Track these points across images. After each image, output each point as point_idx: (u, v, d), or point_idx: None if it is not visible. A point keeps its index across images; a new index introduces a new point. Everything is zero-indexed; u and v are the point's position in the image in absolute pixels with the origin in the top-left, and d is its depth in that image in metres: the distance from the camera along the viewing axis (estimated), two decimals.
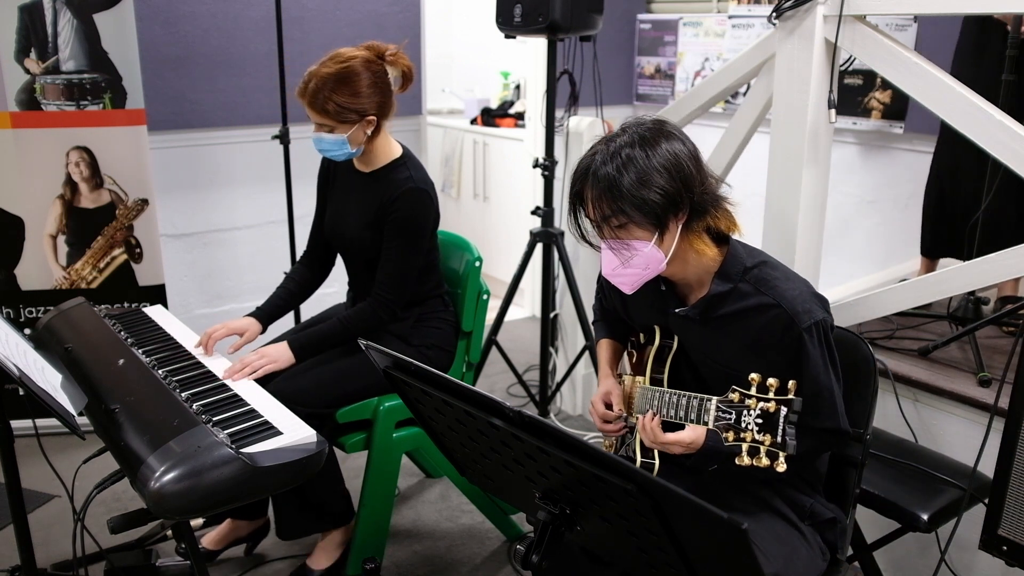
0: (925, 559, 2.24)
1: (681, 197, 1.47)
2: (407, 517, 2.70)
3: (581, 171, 1.52)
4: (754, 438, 1.27)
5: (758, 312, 1.51)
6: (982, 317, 2.47)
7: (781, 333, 1.48)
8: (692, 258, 1.54)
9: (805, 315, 1.47)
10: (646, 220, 1.46)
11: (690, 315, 1.57)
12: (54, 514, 2.64)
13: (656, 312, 1.68)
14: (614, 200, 1.46)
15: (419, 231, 2.16)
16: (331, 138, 2.09)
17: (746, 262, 1.55)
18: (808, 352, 1.47)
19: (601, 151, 1.50)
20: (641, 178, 1.44)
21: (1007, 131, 1.96)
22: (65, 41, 2.85)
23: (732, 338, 1.54)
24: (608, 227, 1.49)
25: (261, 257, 3.75)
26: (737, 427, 1.30)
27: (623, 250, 1.49)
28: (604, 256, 1.53)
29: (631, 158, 1.46)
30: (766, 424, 1.26)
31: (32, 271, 3.01)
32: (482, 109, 5.01)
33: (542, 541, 1.28)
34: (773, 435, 1.25)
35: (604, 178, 1.46)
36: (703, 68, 4.22)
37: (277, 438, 1.62)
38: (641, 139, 1.48)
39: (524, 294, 4.58)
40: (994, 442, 1.65)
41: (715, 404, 1.36)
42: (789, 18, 2.28)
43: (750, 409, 1.28)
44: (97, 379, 1.83)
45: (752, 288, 1.52)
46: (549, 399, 3.31)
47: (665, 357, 1.66)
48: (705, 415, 1.40)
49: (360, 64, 2.07)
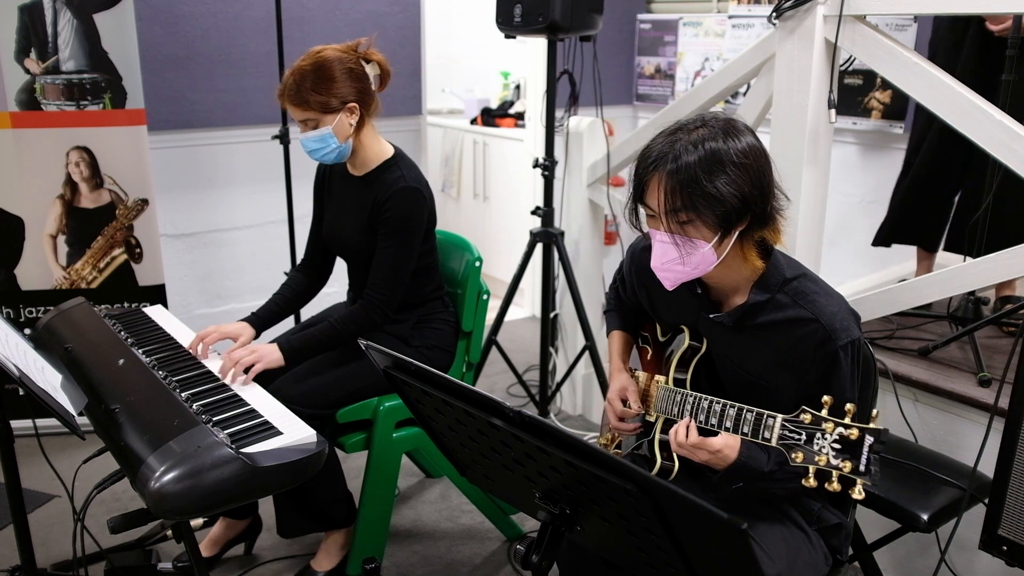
0: (925, 559, 2.24)
1: (754, 204, 1.43)
2: (407, 517, 2.70)
3: (657, 155, 1.43)
4: (829, 462, 1.23)
5: (794, 325, 1.48)
6: (982, 317, 2.47)
7: (815, 348, 1.45)
8: (737, 265, 1.50)
9: (843, 333, 1.45)
10: (715, 221, 1.41)
11: (725, 322, 1.54)
12: (54, 514, 2.64)
13: (686, 310, 1.64)
14: (691, 196, 1.39)
15: (412, 231, 2.16)
16: (316, 134, 2.09)
17: (786, 273, 1.52)
18: (841, 369, 1.45)
19: (683, 139, 1.42)
20: (723, 178, 1.39)
21: (1007, 131, 1.96)
22: (65, 41, 2.85)
23: (763, 348, 1.51)
24: (673, 220, 1.43)
25: (261, 257, 3.75)
26: (809, 449, 1.26)
27: (682, 246, 1.44)
28: (657, 247, 1.47)
29: (716, 155, 1.40)
30: (845, 450, 1.22)
31: (32, 271, 3.01)
32: (482, 109, 5.01)
33: (542, 541, 1.28)
34: (855, 462, 1.21)
35: (685, 170, 1.39)
36: (703, 68, 4.22)
37: (277, 438, 1.62)
38: (725, 134, 1.42)
39: (524, 294, 4.58)
40: (994, 442, 1.65)
41: (780, 422, 1.32)
42: (789, 18, 2.28)
43: (826, 433, 1.25)
44: (97, 379, 1.83)
45: (790, 300, 1.49)
46: (549, 399, 3.31)
47: (689, 359, 1.62)
48: (767, 431, 1.34)
49: (333, 53, 2.09)
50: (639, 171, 1.47)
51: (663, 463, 1.61)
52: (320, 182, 2.35)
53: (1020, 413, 1.57)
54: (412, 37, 3.84)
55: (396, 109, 3.84)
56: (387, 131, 3.27)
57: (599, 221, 3.37)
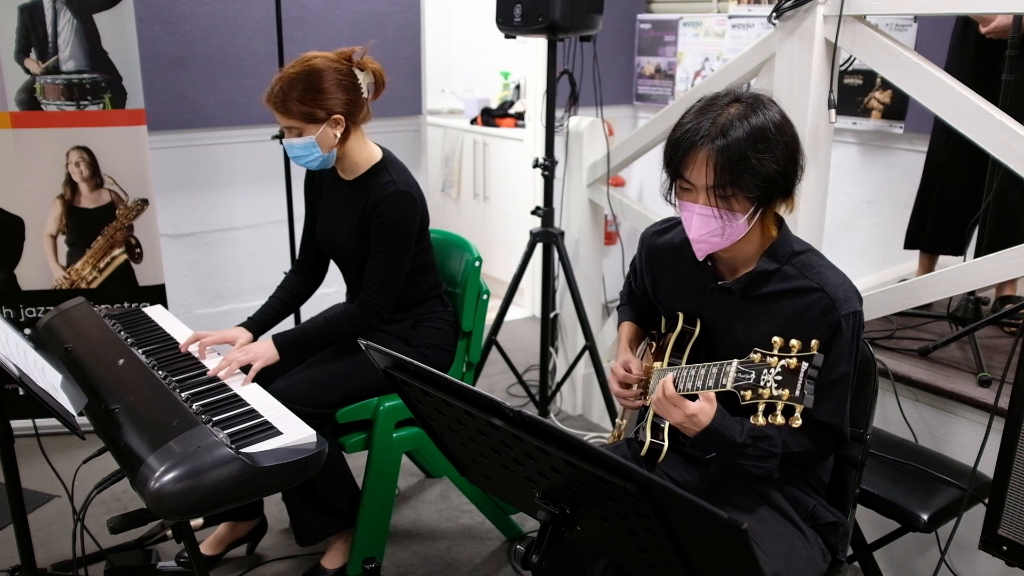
0: (925, 559, 2.24)
1: (789, 179, 1.47)
2: (407, 517, 2.70)
3: (700, 130, 1.45)
4: (771, 394, 1.28)
5: (800, 294, 1.52)
6: (982, 317, 2.47)
7: (819, 317, 1.49)
8: (755, 236, 1.54)
9: (846, 304, 1.49)
10: (756, 196, 1.45)
11: (732, 288, 1.57)
12: (54, 514, 2.64)
13: (690, 290, 1.66)
14: (739, 171, 1.42)
15: (404, 234, 2.15)
16: (300, 142, 2.07)
17: (794, 246, 1.57)
18: (841, 339, 1.49)
19: (724, 115, 1.44)
20: (768, 154, 1.42)
21: (1007, 131, 1.96)
22: (65, 41, 2.85)
23: (767, 317, 1.54)
24: (713, 194, 1.45)
25: (261, 257, 3.75)
26: (756, 385, 1.31)
27: (722, 217, 1.46)
28: (696, 220, 1.48)
29: (762, 131, 1.43)
30: (785, 380, 1.28)
31: (32, 271, 3.01)
32: (482, 109, 5.01)
33: (542, 541, 1.28)
34: (792, 389, 1.26)
35: (735, 146, 1.42)
36: (703, 68, 4.22)
37: (277, 438, 1.63)
38: (762, 108, 1.46)
39: (524, 294, 4.58)
40: (994, 442, 1.65)
41: (735, 366, 1.36)
42: (789, 18, 2.28)
43: (770, 367, 1.30)
44: (97, 379, 1.83)
45: (796, 272, 1.54)
46: (549, 399, 3.31)
47: (685, 344, 1.65)
48: (724, 378, 1.39)
49: (324, 63, 2.06)
50: (678, 146, 1.48)
51: (652, 442, 1.63)
52: (310, 185, 2.35)
53: (1020, 413, 1.57)
54: (412, 37, 3.84)
55: (396, 109, 3.84)
56: (387, 131, 3.28)
57: (599, 221, 3.37)
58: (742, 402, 1.33)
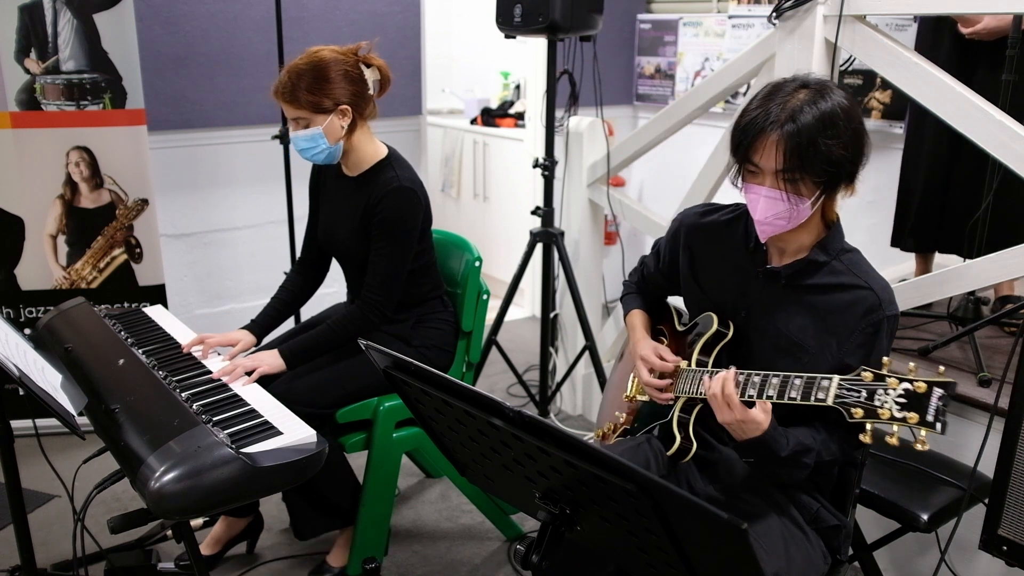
0: (925, 559, 2.24)
1: (855, 164, 1.48)
2: (407, 517, 2.70)
3: (769, 116, 1.45)
4: (893, 416, 1.29)
5: (847, 290, 1.53)
6: (982, 317, 2.47)
7: (863, 315, 1.50)
8: (812, 224, 1.55)
9: (890, 305, 1.52)
10: (822, 182, 1.46)
11: (781, 274, 1.57)
12: (54, 514, 2.64)
13: (733, 272, 1.66)
14: (808, 157, 1.43)
15: (406, 231, 2.15)
16: (307, 134, 2.08)
17: (844, 245, 1.59)
18: (881, 340, 1.50)
19: (792, 100, 1.45)
20: (836, 140, 1.43)
21: (1007, 131, 1.96)
22: (65, 41, 2.85)
23: (811, 308, 1.55)
24: (780, 178, 1.46)
25: (261, 257, 3.75)
26: (869, 404, 1.31)
27: (788, 201, 1.46)
28: (763, 202, 1.48)
29: (832, 118, 1.44)
30: (911, 403, 1.28)
31: (32, 271, 3.01)
32: (482, 109, 5.01)
33: (542, 541, 1.28)
34: (921, 414, 1.27)
35: (805, 132, 1.42)
36: (703, 68, 4.21)
37: (277, 438, 1.63)
38: (830, 93, 1.46)
39: (524, 294, 4.58)
40: (994, 442, 1.65)
41: (836, 381, 1.36)
42: (789, 18, 2.29)
43: (889, 388, 1.30)
44: (97, 379, 1.83)
45: (845, 268, 1.55)
46: (549, 399, 3.31)
47: (713, 345, 1.65)
48: (819, 392, 1.38)
49: (330, 55, 2.09)
50: (747, 131, 1.48)
51: (682, 442, 1.62)
52: (314, 182, 2.35)
53: (1020, 413, 1.57)
54: (412, 37, 3.84)
55: (396, 109, 3.84)
56: (387, 131, 3.28)
57: (599, 221, 3.37)
58: (849, 419, 1.33)
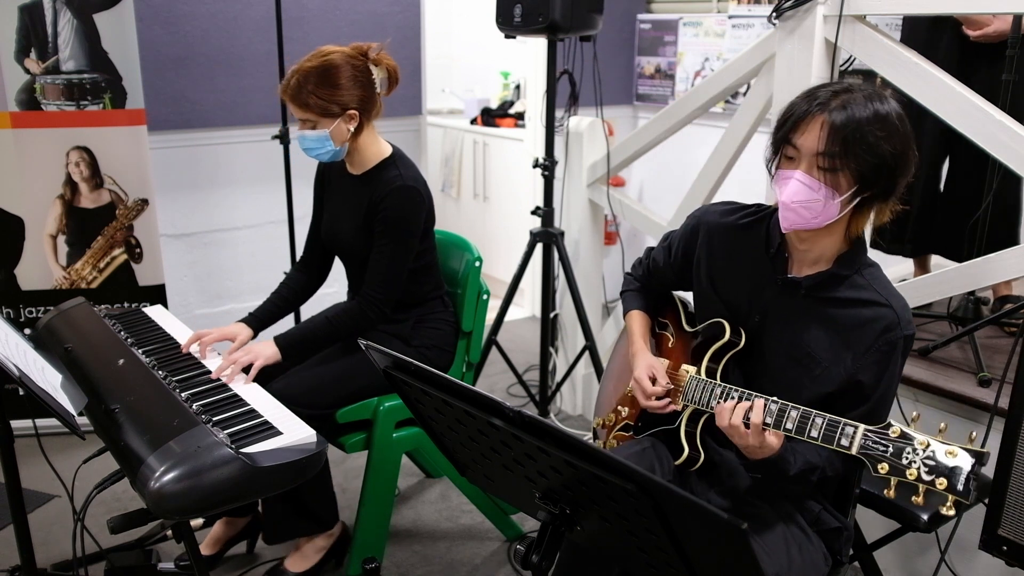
0: (925, 559, 2.24)
1: (897, 170, 1.44)
2: (407, 517, 2.70)
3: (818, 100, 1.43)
4: (920, 478, 1.25)
5: (867, 305, 1.50)
6: (982, 317, 2.47)
7: (881, 332, 1.48)
8: (837, 232, 1.50)
9: (908, 325, 1.49)
10: (858, 178, 1.42)
11: (802, 284, 1.54)
12: (54, 514, 2.64)
13: (750, 278, 1.62)
14: (849, 145, 1.39)
15: (409, 229, 2.15)
16: (313, 135, 2.09)
17: (867, 260, 1.56)
18: (896, 360, 1.49)
19: (859, 95, 1.42)
20: (883, 136, 1.40)
21: (1007, 131, 1.96)
22: (65, 41, 2.85)
23: (828, 320, 1.52)
24: (817, 164, 1.42)
25: (261, 257, 3.75)
26: (896, 462, 1.28)
27: (820, 191, 1.42)
28: (793, 184, 1.44)
29: (888, 117, 1.42)
30: (941, 468, 1.24)
31: (32, 271, 3.01)
32: (482, 109, 5.01)
33: (542, 541, 1.28)
34: (951, 480, 1.22)
35: (855, 118, 1.40)
36: (703, 68, 4.21)
37: (277, 438, 1.63)
38: (886, 99, 1.44)
39: (524, 294, 4.58)
40: (994, 442, 1.65)
41: (862, 431, 1.32)
42: (789, 18, 2.29)
43: (917, 448, 1.27)
44: (97, 379, 1.83)
45: (867, 283, 1.52)
46: (549, 399, 3.31)
47: (723, 354, 1.62)
48: (843, 439, 1.34)
49: (340, 58, 2.07)
50: (793, 110, 1.46)
51: (690, 453, 1.61)
52: (320, 180, 2.36)
53: (1020, 413, 1.57)
54: (412, 37, 3.84)
55: (396, 109, 3.83)
56: (387, 131, 3.28)
57: (599, 221, 3.37)
58: (874, 474, 1.30)
